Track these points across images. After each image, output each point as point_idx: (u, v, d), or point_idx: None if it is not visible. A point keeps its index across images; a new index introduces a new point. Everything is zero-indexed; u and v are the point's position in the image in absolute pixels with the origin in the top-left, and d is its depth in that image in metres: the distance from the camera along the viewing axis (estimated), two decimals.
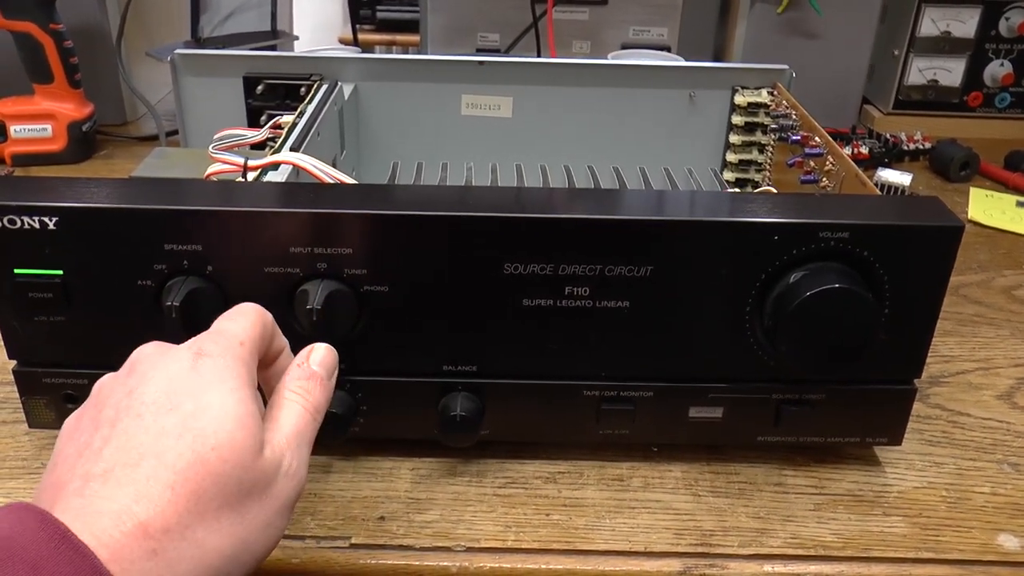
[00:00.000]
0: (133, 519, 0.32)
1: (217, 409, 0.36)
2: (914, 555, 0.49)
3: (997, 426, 0.60)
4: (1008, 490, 0.54)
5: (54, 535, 0.31)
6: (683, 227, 0.45)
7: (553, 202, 0.47)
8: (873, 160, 1.02)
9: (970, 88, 1.14)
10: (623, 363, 0.49)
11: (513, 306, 0.47)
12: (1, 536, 0.31)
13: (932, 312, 0.50)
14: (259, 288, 0.47)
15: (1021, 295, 0.77)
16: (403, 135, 0.76)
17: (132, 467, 0.33)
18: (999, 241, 0.88)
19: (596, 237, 0.45)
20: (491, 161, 0.70)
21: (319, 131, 0.62)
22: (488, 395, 0.50)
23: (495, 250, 0.45)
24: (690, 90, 0.74)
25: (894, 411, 0.53)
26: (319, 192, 0.49)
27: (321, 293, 0.46)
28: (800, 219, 0.46)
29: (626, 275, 0.46)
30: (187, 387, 0.36)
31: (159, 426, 0.35)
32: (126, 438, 0.35)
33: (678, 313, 0.48)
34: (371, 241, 0.46)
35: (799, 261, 0.46)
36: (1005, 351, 0.69)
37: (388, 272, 0.47)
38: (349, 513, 0.50)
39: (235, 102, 0.75)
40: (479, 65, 0.73)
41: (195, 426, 0.35)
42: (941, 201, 0.50)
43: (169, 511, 0.33)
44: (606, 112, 0.74)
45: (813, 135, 0.65)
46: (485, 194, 0.47)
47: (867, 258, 0.47)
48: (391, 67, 0.75)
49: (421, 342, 0.49)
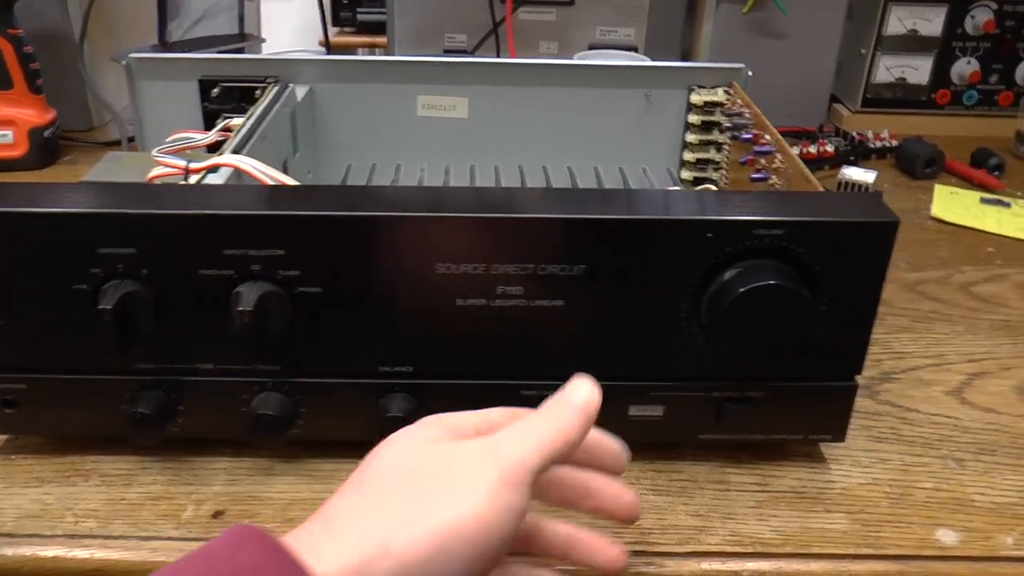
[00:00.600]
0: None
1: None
2: (853, 551, 0.49)
3: (945, 422, 0.60)
4: (951, 485, 0.54)
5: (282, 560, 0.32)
6: (614, 225, 0.45)
7: (484, 201, 0.47)
8: (839, 158, 1.03)
9: (938, 86, 1.14)
10: (561, 362, 0.48)
11: (447, 306, 0.47)
12: (225, 552, 0.32)
13: (870, 309, 0.50)
14: (194, 291, 0.47)
15: (978, 291, 0.78)
16: (360, 136, 0.76)
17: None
18: (961, 237, 0.88)
19: (526, 236, 0.45)
20: (447, 162, 0.70)
21: (265, 134, 0.62)
22: (426, 396, 0.50)
23: (427, 250, 0.45)
24: (646, 90, 0.74)
25: (836, 408, 0.53)
26: (253, 194, 0.49)
27: (253, 295, 0.46)
28: (733, 216, 0.46)
29: (559, 274, 0.46)
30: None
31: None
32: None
33: (614, 312, 0.48)
34: (303, 243, 0.46)
35: (734, 258, 0.46)
36: (958, 347, 0.69)
37: (321, 273, 0.47)
38: (288, 516, 0.50)
39: (192, 105, 0.75)
40: (434, 66, 0.73)
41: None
42: (880, 197, 0.50)
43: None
44: (562, 112, 0.74)
45: (764, 133, 0.65)
46: (416, 195, 0.47)
47: (802, 255, 0.47)
48: (347, 68, 0.75)
49: (356, 343, 0.49)
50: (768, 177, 0.62)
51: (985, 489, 0.54)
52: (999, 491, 0.54)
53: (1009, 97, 1.14)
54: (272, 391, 0.51)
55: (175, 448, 0.54)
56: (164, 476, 0.53)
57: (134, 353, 0.49)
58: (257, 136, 0.60)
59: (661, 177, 0.70)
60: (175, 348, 0.50)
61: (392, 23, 1.07)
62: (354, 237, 0.45)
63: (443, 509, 0.34)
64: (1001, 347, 0.69)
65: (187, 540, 0.48)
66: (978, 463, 0.56)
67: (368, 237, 0.45)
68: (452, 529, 0.34)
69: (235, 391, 0.51)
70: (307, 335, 0.49)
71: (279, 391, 0.51)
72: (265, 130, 0.62)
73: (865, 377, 0.64)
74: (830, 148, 1.03)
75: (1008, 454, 0.57)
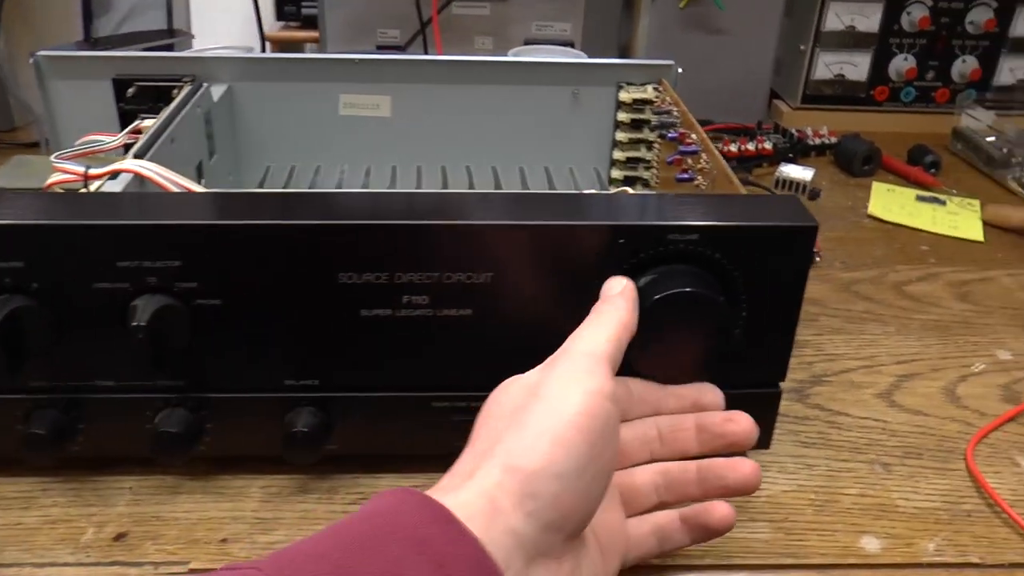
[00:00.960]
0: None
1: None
2: (775, 561, 0.48)
3: (874, 425, 0.59)
4: (876, 491, 0.53)
5: (439, 516, 0.33)
6: (521, 231, 0.43)
7: (386, 208, 0.45)
8: (778, 155, 1.02)
9: (876, 82, 1.14)
10: (471, 373, 0.47)
11: (351, 317, 0.45)
12: (388, 511, 0.33)
13: (792, 313, 0.49)
14: (89, 305, 0.45)
15: (912, 291, 0.77)
16: (282, 137, 0.73)
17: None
18: (896, 236, 0.88)
19: (429, 243, 0.43)
20: (370, 163, 0.68)
21: (174, 136, 0.59)
22: (335, 409, 0.48)
23: (327, 260, 0.43)
24: (574, 87, 0.72)
25: (760, 415, 0.51)
26: (150, 202, 0.47)
27: (149, 309, 0.44)
28: (646, 221, 0.44)
29: (465, 282, 0.44)
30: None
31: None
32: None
33: (525, 320, 0.46)
34: (199, 253, 0.44)
35: (648, 264, 0.45)
36: (890, 348, 0.68)
37: (220, 285, 0.45)
38: (192, 536, 0.48)
39: (107, 106, 0.72)
40: (356, 64, 0.71)
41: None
42: (799, 200, 0.49)
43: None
44: (488, 111, 0.72)
45: (690, 132, 0.63)
46: (317, 201, 0.45)
47: (719, 260, 0.46)
48: (267, 67, 0.72)
49: (260, 357, 0.47)
50: (694, 178, 0.61)
51: (910, 494, 0.53)
52: (923, 496, 0.53)
53: (946, 94, 1.15)
54: (176, 407, 0.49)
55: (79, 467, 0.52)
56: (65, 498, 0.50)
57: (27, 371, 0.46)
58: (164, 139, 0.58)
59: (588, 177, 0.69)
60: (72, 365, 0.47)
61: (323, 18, 1.04)
62: (251, 247, 0.43)
63: (544, 416, 0.36)
64: (931, 348, 0.69)
65: (84, 565, 0.46)
66: (904, 467, 0.55)
67: (266, 247, 0.43)
68: (559, 425, 0.36)
69: (138, 408, 0.49)
70: (209, 349, 0.47)
71: (183, 407, 0.49)
72: (174, 132, 0.60)
73: (796, 380, 0.63)
74: (768, 145, 1.02)
75: (934, 457, 0.56)
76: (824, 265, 0.81)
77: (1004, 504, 0.52)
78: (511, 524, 0.34)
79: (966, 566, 0.48)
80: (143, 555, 0.47)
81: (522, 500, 0.34)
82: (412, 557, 0.31)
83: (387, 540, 0.32)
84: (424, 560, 0.31)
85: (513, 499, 0.34)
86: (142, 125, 0.63)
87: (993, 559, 0.49)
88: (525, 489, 0.34)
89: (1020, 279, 0.80)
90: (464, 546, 0.32)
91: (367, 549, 0.32)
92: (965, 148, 1.08)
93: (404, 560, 0.31)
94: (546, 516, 0.35)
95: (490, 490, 0.34)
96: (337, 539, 0.32)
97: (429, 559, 0.31)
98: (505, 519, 0.34)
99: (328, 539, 0.32)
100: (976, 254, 0.85)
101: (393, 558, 0.31)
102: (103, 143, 0.62)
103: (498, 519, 0.34)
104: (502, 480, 0.35)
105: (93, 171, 0.52)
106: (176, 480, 0.51)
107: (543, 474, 0.35)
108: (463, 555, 0.32)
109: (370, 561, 0.31)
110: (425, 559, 0.31)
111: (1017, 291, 0.78)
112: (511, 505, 0.34)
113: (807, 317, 0.72)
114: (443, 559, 0.31)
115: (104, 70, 0.71)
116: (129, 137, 0.62)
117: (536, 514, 0.35)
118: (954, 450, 0.57)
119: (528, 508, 0.34)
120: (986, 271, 0.81)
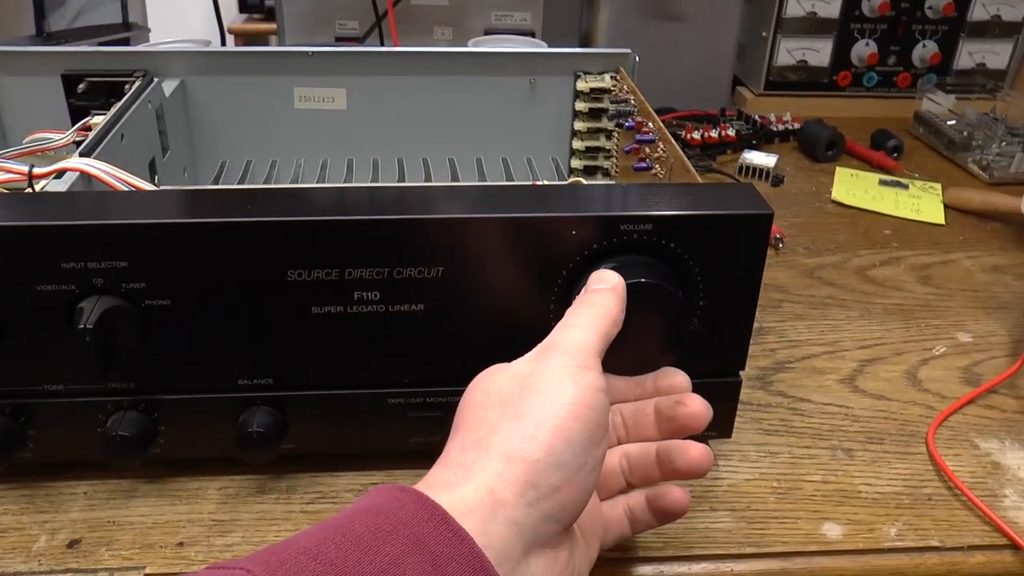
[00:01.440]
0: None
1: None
2: (736, 551, 0.48)
3: (836, 411, 0.59)
4: (839, 477, 0.53)
5: (435, 515, 0.32)
6: (471, 225, 0.43)
7: (334, 203, 0.44)
8: (741, 142, 1.02)
9: (838, 68, 1.14)
10: (425, 368, 0.46)
11: (302, 315, 0.44)
12: (383, 509, 0.33)
13: (749, 302, 0.48)
14: (34, 308, 0.44)
15: (874, 275, 0.77)
16: (237, 131, 0.72)
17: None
18: (859, 220, 0.88)
19: (377, 239, 0.42)
20: (326, 156, 0.67)
21: (123, 132, 0.58)
22: (289, 408, 0.47)
23: (274, 257, 0.43)
24: (531, 77, 0.71)
25: (721, 404, 0.51)
26: (93, 201, 0.46)
27: (96, 311, 0.43)
28: (598, 212, 0.44)
29: (416, 277, 0.43)
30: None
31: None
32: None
33: (478, 314, 0.45)
34: (145, 253, 0.43)
35: (602, 255, 0.45)
36: (852, 333, 0.68)
37: (168, 285, 0.44)
38: (147, 540, 0.47)
39: (58, 102, 0.70)
40: (310, 56, 0.70)
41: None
42: (754, 188, 0.48)
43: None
44: (444, 102, 0.71)
45: (647, 121, 0.63)
46: (263, 197, 0.44)
47: (674, 249, 0.45)
48: (219, 60, 0.71)
49: (212, 357, 0.46)
50: (652, 166, 0.61)
51: (872, 479, 0.53)
52: (885, 480, 0.53)
53: (907, 79, 1.15)
54: (128, 410, 0.48)
55: (31, 474, 0.51)
56: (16, 505, 0.49)
57: None
58: (113, 136, 0.57)
59: (546, 167, 0.68)
60: (18, 370, 0.46)
61: (281, 10, 1.03)
62: (197, 246, 0.42)
63: (544, 407, 0.36)
64: (893, 332, 0.69)
65: (37, 574, 0.45)
66: (866, 452, 0.55)
67: (211, 245, 0.42)
68: (558, 416, 0.36)
69: (89, 412, 0.48)
70: (160, 350, 0.46)
71: (135, 410, 0.48)
72: (123, 128, 0.58)
73: (758, 367, 0.63)
74: (732, 132, 1.02)
75: (896, 442, 0.56)
76: (787, 251, 0.81)
77: (963, 487, 0.52)
78: (512, 515, 0.34)
79: (927, 550, 0.48)
80: (98, 561, 0.46)
81: (524, 491, 0.34)
82: (410, 556, 0.31)
83: (385, 539, 0.31)
84: (422, 560, 0.31)
85: (515, 489, 0.34)
86: (92, 122, 0.62)
87: (953, 542, 0.49)
88: (527, 479, 0.34)
89: (980, 261, 0.80)
90: (460, 545, 0.32)
91: (364, 548, 0.31)
92: (927, 132, 1.08)
93: (402, 560, 0.31)
94: (546, 506, 0.35)
95: (490, 482, 0.34)
96: (332, 536, 0.32)
97: (427, 559, 0.31)
98: (506, 510, 0.34)
99: (322, 536, 0.32)
100: (938, 237, 0.85)
101: (391, 557, 0.31)
102: (51, 141, 0.60)
103: (499, 511, 0.34)
104: (502, 471, 0.35)
105: (38, 170, 0.51)
106: (131, 484, 0.51)
107: (544, 464, 0.35)
108: (459, 555, 0.32)
109: (368, 560, 0.31)
110: (423, 559, 0.31)
111: (977, 273, 0.78)
112: (512, 496, 0.34)
113: (770, 303, 0.72)
114: (439, 559, 0.31)
115: (53, 65, 0.69)
116: (78, 134, 0.61)
117: (537, 504, 0.35)
118: (915, 434, 0.57)
119: (529, 498, 0.34)
120: (947, 254, 0.82)
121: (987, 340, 0.68)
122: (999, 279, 0.77)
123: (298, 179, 0.63)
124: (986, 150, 0.99)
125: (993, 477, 0.54)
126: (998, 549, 0.49)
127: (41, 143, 0.60)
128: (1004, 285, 0.76)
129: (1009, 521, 0.50)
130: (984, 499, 0.51)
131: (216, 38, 1.33)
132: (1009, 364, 0.64)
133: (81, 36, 1.07)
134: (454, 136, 0.72)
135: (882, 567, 0.48)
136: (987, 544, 0.49)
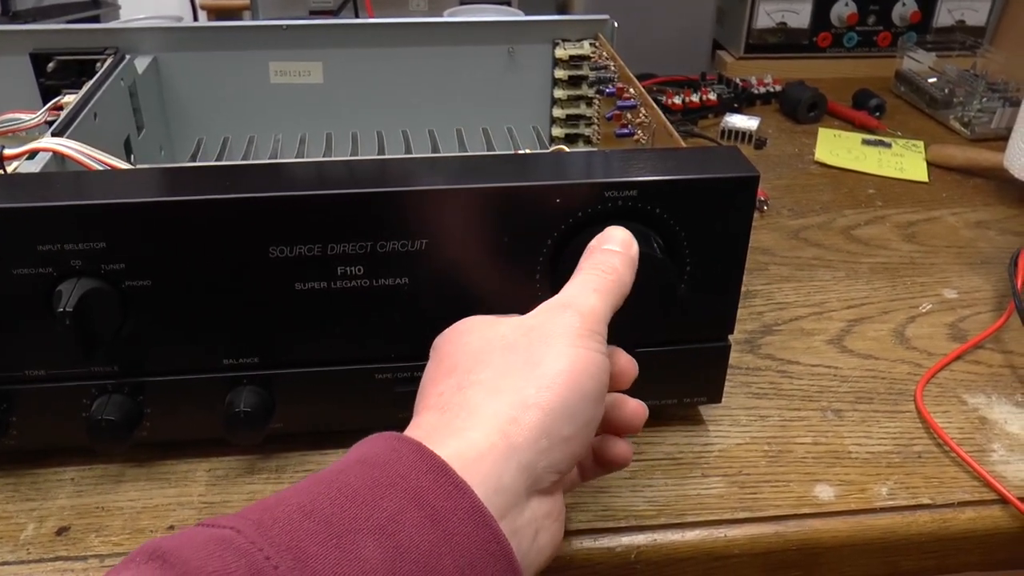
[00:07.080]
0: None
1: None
2: (729, 516, 0.48)
3: (825, 372, 0.59)
4: (829, 438, 0.53)
5: (433, 467, 0.32)
6: (453, 196, 0.42)
7: (314, 177, 0.43)
8: (723, 106, 1.01)
9: (818, 29, 1.13)
10: (412, 342, 0.46)
11: (286, 292, 0.44)
12: (380, 460, 0.32)
13: (736, 266, 0.48)
14: (11, 292, 0.43)
15: (859, 234, 0.77)
16: (213, 108, 0.71)
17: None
18: (843, 180, 0.88)
19: (359, 213, 0.42)
20: (304, 130, 0.66)
21: (96, 111, 0.57)
22: (276, 387, 0.47)
23: (255, 234, 0.42)
24: (509, 46, 0.70)
25: (710, 370, 0.52)
26: (67, 181, 0.45)
27: (75, 293, 0.42)
28: (581, 180, 0.43)
29: (400, 250, 0.43)
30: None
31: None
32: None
33: (463, 286, 0.45)
34: (123, 233, 0.42)
35: (586, 223, 0.44)
36: (839, 293, 0.68)
37: (148, 265, 0.43)
38: (137, 525, 0.47)
39: (27, 82, 0.69)
40: (284, 30, 0.68)
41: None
42: (739, 151, 0.48)
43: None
44: (422, 73, 0.70)
45: (628, 87, 0.62)
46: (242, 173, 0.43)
47: (659, 215, 0.45)
48: (191, 36, 0.69)
49: (196, 337, 0.45)
50: (634, 132, 0.60)
51: (862, 439, 0.53)
52: (875, 440, 0.53)
53: (888, 38, 1.14)
54: (113, 394, 0.47)
55: (16, 461, 0.50)
56: (2, 493, 0.49)
57: None
58: (86, 115, 0.56)
59: (527, 136, 0.68)
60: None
61: None
62: (176, 224, 0.42)
63: (559, 360, 0.36)
64: (880, 290, 0.69)
65: (25, 563, 0.45)
66: (856, 412, 0.56)
67: (192, 223, 0.42)
68: (574, 370, 0.36)
69: (72, 397, 0.47)
70: (143, 332, 0.45)
71: (120, 393, 0.47)
72: (96, 107, 0.57)
73: (746, 331, 0.63)
74: (713, 96, 1.01)
75: (885, 401, 0.57)
76: (772, 213, 0.81)
77: (952, 443, 0.52)
78: (524, 460, 0.34)
79: (918, 507, 0.49)
80: (87, 548, 0.45)
81: (537, 438, 0.34)
82: (409, 511, 0.30)
83: (383, 492, 0.31)
84: (422, 515, 0.30)
85: (529, 435, 0.34)
86: (63, 101, 0.60)
87: (943, 499, 0.49)
88: (542, 427, 0.34)
89: (964, 217, 0.80)
90: (461, 499, 0.31)
91: (360, 502, 0.30)
92: (908, 90, 1.08)
93: (400, 515, 0.30)
94: (554, 455, 0.35)
95: (503, 427, 0.34)
96: (327, 491, 0.31)
97: (426, 514, 0.30)
98: (519, 455, 0.34)
99: (317, 491, 0.31)
100: (921, 194, 0.85)
101: (389, 513, 0.30)
102: (22, 121, 0.59)
103: (513, 456, 0.34)
104: (518, 416, 0.34)
105: (8, 151, 0.50)
106: (119, 468, 0.50)
107: (559, 414, 0.35)
108: (460, 508, 0.31)
109: (365, 516, 0.30)
110: (423, 514, 0.30)
111: (961, 229, 0.78)
112: (525, 441, 0.34)
113: (756, 266, 0.71)
114: (439, 513, 0.31)
115: (21, 44, 0.68)
116: (50, 114, 0.60)
117: (547, 452, 0.35)
118: (904, 392, 0.57)
119: (541, 446, 0.34)
120: (931, 211, 0.82)
121: (972, 296, 0.68)
122: (982, 234, 0.77)
123: (277, 155, 0.62)
124: (967, 107, 0.99)
125: (981, 432, 0.54)
126: (987, 504, 0.49)
127: (11, 124, 0.59)
128: (987, 240, 0.76)
129: (997, 475, 0.50)
130: (972, 454, 0.51)
131: (188, 14, 1.31)
132: (994, 319, 0.64)
133: (49, 14, 1.05)
134: (433, 107, 0.71)
135: (874, 527, 0.48)
136: (976, 500, 0.49)
